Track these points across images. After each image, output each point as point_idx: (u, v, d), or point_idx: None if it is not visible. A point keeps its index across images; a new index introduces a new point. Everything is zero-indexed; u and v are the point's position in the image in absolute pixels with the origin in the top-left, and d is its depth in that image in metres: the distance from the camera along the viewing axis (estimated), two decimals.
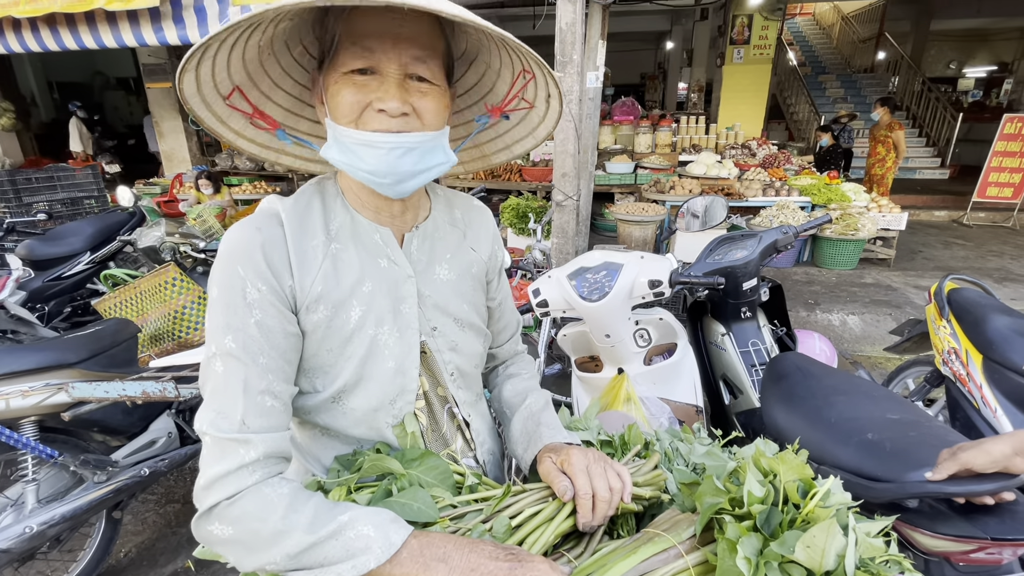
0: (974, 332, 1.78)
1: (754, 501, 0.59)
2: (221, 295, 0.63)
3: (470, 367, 0.82)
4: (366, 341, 0.70)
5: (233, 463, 0.59)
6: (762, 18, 8.15)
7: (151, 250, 2.74)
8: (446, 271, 0.78)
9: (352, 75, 0.62)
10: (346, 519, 0.58)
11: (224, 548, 0.60)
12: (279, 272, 0.65)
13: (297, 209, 0.69)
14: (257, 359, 0.62)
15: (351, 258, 0.70)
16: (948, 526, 0.90)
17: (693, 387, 1.74)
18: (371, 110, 0.62)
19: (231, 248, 0.64)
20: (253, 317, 0.62)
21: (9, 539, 1.57)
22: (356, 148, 0.63)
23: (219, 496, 0.58)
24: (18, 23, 4.58)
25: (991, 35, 13.31)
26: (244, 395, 0.61)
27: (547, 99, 0.76)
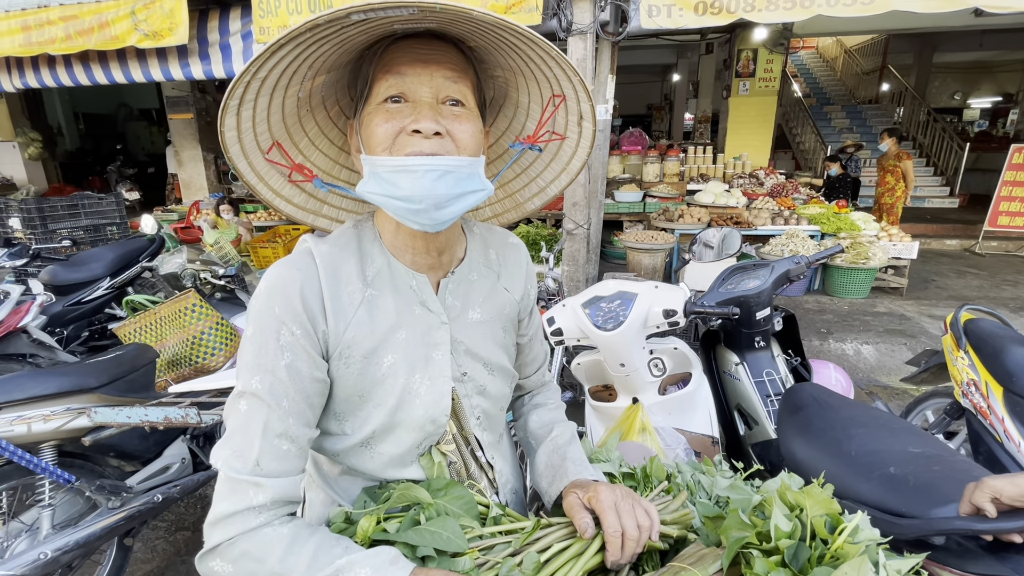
0: (993, 363, 1.76)
1: (781, 536, 0.59)
2: (255, 335, 0.64)
3: (496, 410, 0.81)
4: (397, 389, 0.69)
5: (241, 504, 0.60)
6: (767, 52, 8.34)
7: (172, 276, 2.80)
8: (478, 314, 0.77)
9: (386, 103, 0.63)
10: (343, 563, 0.58)
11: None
12: (314, 316, 0.65)
13: (333, 253, 0.68)
14: (281, 402, 0.62)
15: (387, 305, 0.70)
16: (977, 565, 0.88)
17: (708, 417, 1.73)
18: (404, 134, 0.62)
19: (270, 287, 0.65)
20: (284, 360, 0.63)
21: (23, 566, 1.56)
22: (391, 176, 0.61)
23: (223, 536, 0.59)
24: (53, 60, 4.82)
25: (994, 67, 13.49)
26: (262, 437, 0.61)
27: (579, 122, 0.76)
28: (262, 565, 0.58)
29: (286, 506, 0.63)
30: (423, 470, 0.73)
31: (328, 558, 0.58)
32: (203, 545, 0.61)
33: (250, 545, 0.59)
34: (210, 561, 0.60)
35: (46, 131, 9.76)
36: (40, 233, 4.68)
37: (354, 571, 0.57)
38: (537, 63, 0.68)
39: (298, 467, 0.65)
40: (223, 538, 0.59)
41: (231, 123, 0.64)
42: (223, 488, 0.61)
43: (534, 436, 0.90)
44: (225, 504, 0.60)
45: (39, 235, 4.66)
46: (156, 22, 4.26)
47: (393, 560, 0.59)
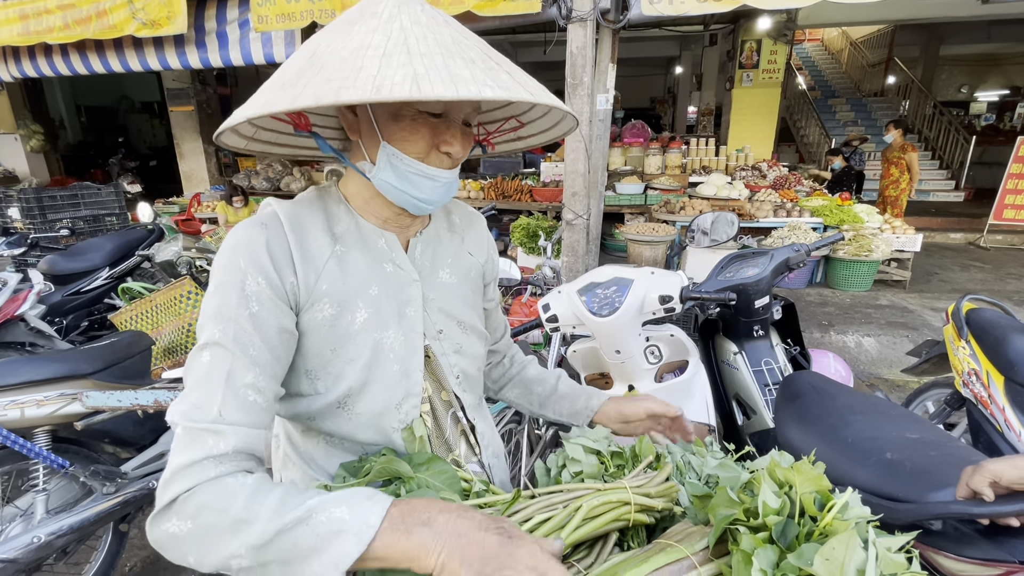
0: (994, 353, 1.74)
1: (769, 512, 0.57)
2: (218, 289, 0.62)
3: (473, 369, 0.83)
4: (371, 344, 0.70)
5: (199, 453, 0.55)
6: (771, 43, 8.26)
7: (168, 264, 2.80)
8: (448, 275, 0.81)
9: (428, 116, 0.67)
10: (315, 502, 0.53)
11: (182, 547, 0.54)
12: (281, 268, 0.65)
13: (297, 210, 0.70)
14: (247, 350, 0.61)
15: (357, 261, 0.72)
16: (974, 549, 0.86)
17: (705, 405, 1.72)
18: (436, 151, 0.68)
19: (234, 243, 0.65)
20: (249, 309, 0.62)
21: (17, 549, 1.57)
22: (416, 179, 0.68)
23: (179, 488, 0.54)
24: (50, 49, 4.80)
25: (1002, 60, 13.34)
26: (226, 385, 0.59)
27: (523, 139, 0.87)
28: (223, 515, 0.53)
29: (249, 459, 0.59)
30: (405, 444, 0.72)
31: (297, 500, 0.54)
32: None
33: (208, 496, 0.54)
34: (163, 523, 0.55)
35: (48, 123, 9.75)
36: (39, 223, 4.68)
37: (328, 510, 0.52)
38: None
39: (263, 421, 0.62)
40: (180, 490, 0.54)
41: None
42: (179, 442, 0.57)
43: (539, 380, 1.03)
44: (181, 456, 0.55)
45: (38, 225, 4.66)
46: (154, 11, 4.23)
47: (369, 496, 0.55)
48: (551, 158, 6.76)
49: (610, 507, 0.65)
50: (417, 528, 0.52)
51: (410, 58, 0.54)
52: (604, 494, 0.65)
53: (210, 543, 0.53)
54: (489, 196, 6.38)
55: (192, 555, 0.54)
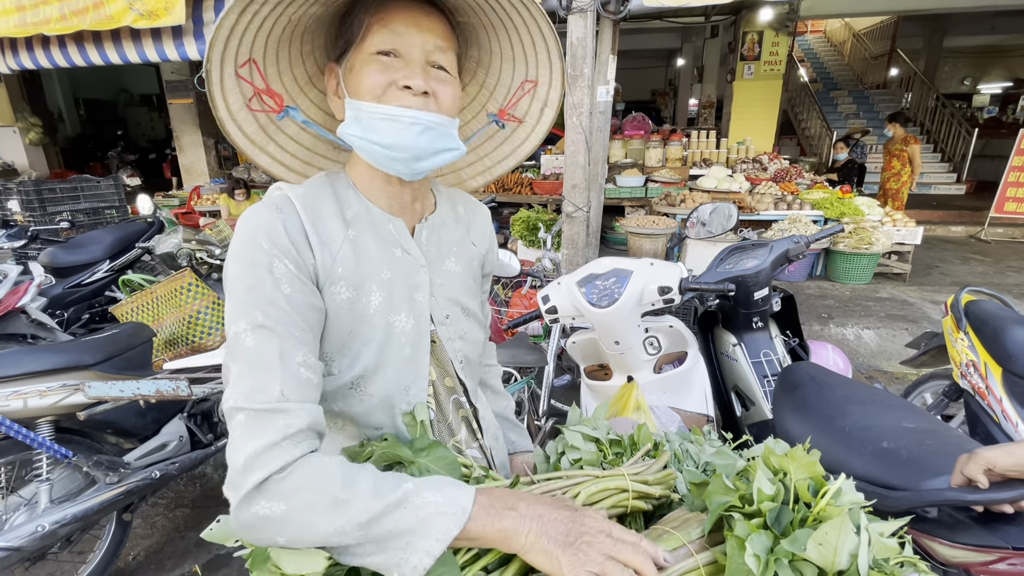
0: (993, 344, 1.75)
1: (764, 499, 0.58)
2: (245, 271, 0.62)
3: (474, 355, 0.84)
4: (384, 326, 0.71)
5: (276, 435, 0.56)
6: (772, 34, 8.20)
7: (168, 256, 2.80)
8: (453, 263, 0.81)
9: (379, 56, 0.65)
10: (411, 487, 0.57)
11: (275, 528, 0.55)
12: (301, 249, 0.65)
13: (309, 194, 0.70)
14: (291, 331, 0.61)
15: (369, 246, 0.72)
16: (967, 536, 0.87)
17: (704, 396, 1.73)
18: (394, 87, 0.65)
19: (252, 226, 0.64)
20: (282, 291, 0.61)
21: (21, 537, 1.59)
22: (376, 123, 0.65)
23: (267, 471, 0.54)
24: (47, 40, 4.76)
25: (1006, 51, 13.24)
26: (282, 366, 0.59)
27: (542, 109, 0.82)
28: (322, 495, 0.54)
29: (318, 437, 0.61)
30: (407, 429, 0.73)
31: (392, 483, 0.57)
32: (207, 519, 0.56)
33: (305, 474, 0.55)
34: (252, 507, 0.54)
35: (46, 116, 9.71)
36: (39, 216, 4.68)
37: (422, 495, 0.56)
38: (523, 44, 0.74)
39: (318, 398, 0.63)
40: (268, 471, 0.54)
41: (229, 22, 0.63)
42: (247, 428, 0.56)
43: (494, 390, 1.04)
44: (255, 442, 0.55)
45: (38, 217, 4.65)
46: (151, 2, 4.20)
47: (455, 484, 0.59)
48: (551, 150, 6.74)
49: (608, 494, 0.65)
50: (505, 512, 0.56)
51: None
52: (602, 481, 0.66)
53: (310, 522, 0.54)
54: (489, 188, 6.37)
55: (285, 535, 0.55)
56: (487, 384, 1.02)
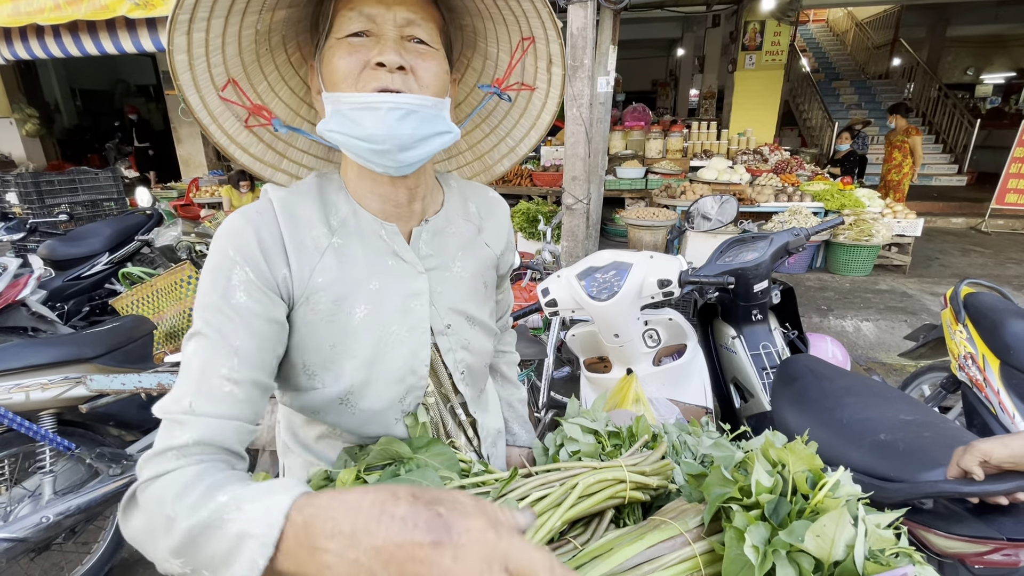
0: (991, 337, 1.75)
1: (762, 491, 0.58)
2: (207, 276, 0.61)
3: (480, 365, 0.80)
4: (372, 341, 0.67)
5: (163, 443, 0.53)
6: (774, 23, 8.13)
7: (168, 249, 2.80)
8: (459, 267, 0.76)
9: (348, 39, 0.61)
10: (225, 499, 0.45)
11: (140, 548, 0.50)
12: (272, 259, 0.62)
13: (292, 199, 0.66)
14: (229, 340, 0.58)
15: (356, 254, 0.67)
16: (962, 527, 0.88)
17: (703, 388, 1.73)
18: (368, 68, 0.60)
19: (225, 232, 0.62)
20: (235, 299, 0.59)
21: (26, 528, 1.60)
22: (353, 113, 0.60)
23: (140, 479, 0.51)
24: (42, 30, 4.72)
25: (1009, 41, 13.13)
26: (200, 376, 0.56)
27: (548, 67, 0.75)
28: (161, 509, 0.47)
29: (216, 451, 0.55)
30: (407, 430, 0.73)
31: (210, 496, 0.47)
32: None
33: (155, 488, 0.50)
34: (129, 517, 0.51)
35: (43, 107, 9.65)
36: (37, 208, 4.66)
37: (241, 508, 0.44)
38: (508, 4, 0.67)
39: (243, 414, 0.57)
40: (139, 481, 0.51)
41: (181, 43, 0.61)
42: (156, 436, 0.55)
43: (506, 380, 1.02)
44: (149, 451, 0.53)
45: (36, 210, 4.64)
46: None
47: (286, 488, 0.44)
48: (551, 142, 6.71)
49: (606, 485, 0.66)
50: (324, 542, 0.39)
51: None
52: (600, 472, 0.66)
53: (151, 542, 0.48)
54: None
55: (149, 554, 0.50)
56: (499, 371, 1.00)
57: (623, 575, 0.55)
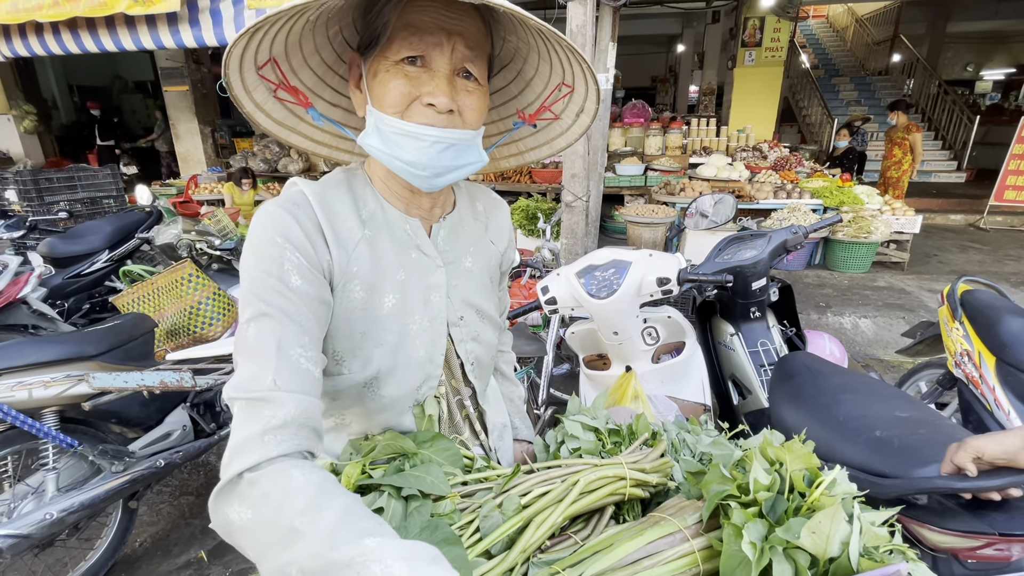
0: (987, 334, 1.77)
1: (760, 488, 0.59)
2: (255, 265, 0.61)
3: (487, 357, 0.84)
4: (398, 329, 0.71)
5: (257, 425, 0.53)
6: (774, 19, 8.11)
7: (168, 247, 2.80)
8: (470, 263, 0.80)
9: (403, 64, 0.62)
10: (373, 545, 0.46)
11: (242, 539, 0.50)
12: (317, 245, 0.64)
13: (326, 192, 0.69)
14: (295, 319, 0.59)
15: (385, 246, 0.71)
16: (956, 522, 0.90)
17: (701, 386, 1.75)
18: (419, 103, 0.63)
19: (266, 220, 0.63)
20: (292, 282, 0.60)
21: (30, 525, 1.61)
22: (398, 138, 0.63)
23: (239, 466, 0.51)
24: (40, 27, 4.70)
25: (1009, 37, 13.11)
26: (278, 353, 0.57)
27: (577, 114, 0.78)
28: (280, 514, 0.48)
29: (309, 433, 0.56)
30: (415, 420, 0.74)
31: (355, 531, 0.47)
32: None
33: (271, 484, 0.50)
34: (226, 507, 0.51)
35: (41, 104, 9.61)
36: (37, 205, 4.66)
37: (384, 562, 0.45)
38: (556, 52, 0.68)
39: (317, 391, 0.60)
40: (241, 467, 0.51)
41: (237, 51, 0.62)
42: (238, 418, 0.54)
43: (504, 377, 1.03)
44: (241, 431, 0.53)
45: (36, 207, 4.63)
46: None
47: (434, 559, 0.47)
48: None
49: (606, 481, 0.67)
50: None
51: None
52: (601, 469, 0.68)
53: (264, 545, 0.49)
54: (488, 177, 6.34)
55: (251, 551, 0.50)
56: (499, 369, 1.03)
57: (623, 570, 0.56)
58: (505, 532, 0.59)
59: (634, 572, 0.55)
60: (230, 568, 1.98)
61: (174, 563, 2.02)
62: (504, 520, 0.60)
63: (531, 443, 1.00)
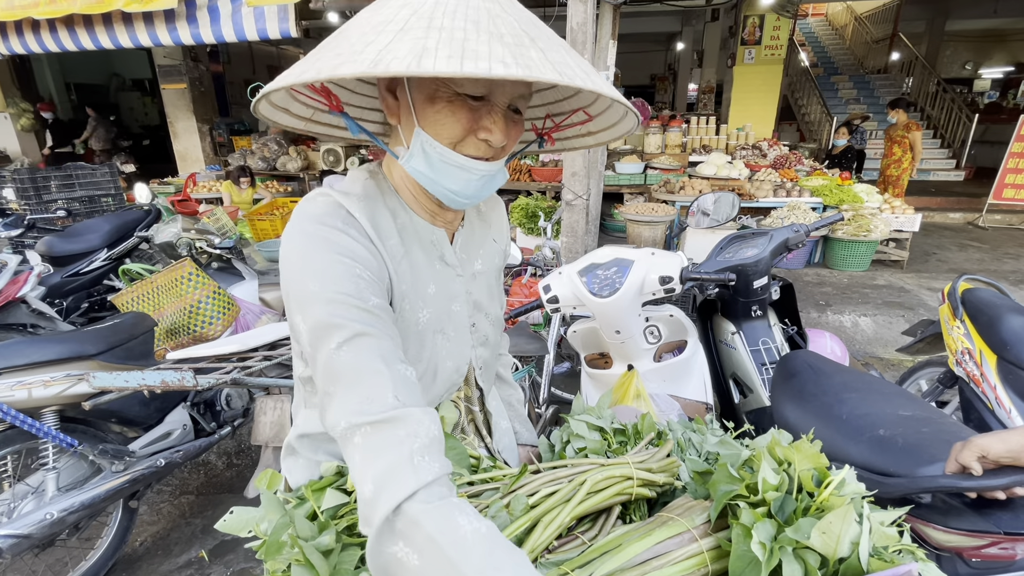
0: (988, 332, 1.77)
1: (769, 488, 0.59)
2: (327, 286, 0.57)
3: (492, 359, 0.85)
4: (433, 343, 0.71)
5: (403, 450, 0.50)
6: (774, 17, 8.10)
7: (167, 246, 2.79)
8: (480, 265, 0.81)
9: (467, 98, 0.61)
10: None
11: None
12: (379, 263, 0.64)
13: (367, 209, 0.66)
14: (388, 333, 0.58)
15: (419, 259, 0.70)
16: (960, 521, 0.89)
17: (703, 384, 1.74)
18: (474, 137, 0.62)
19: (317, 241, 0.60)
20: (372, 300, 0.59)
21: (30, 525, 1.61)
22: (447, 168, 0.63)
23: (397, 496, 0.48)
24: (37, 24, 4.68)
25: (1008, 35, 13.12)
26: (388, 369, 0.54)
27: (587, 135, 0.81)
28: (452, 569, 0.46)
29: (443, 453, 0.54)
30: None
31: None
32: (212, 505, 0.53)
33: (437, 531, 0.47)
34: (390, 545, 0.48)
35: (37, 102, 9.57)
36: (34, 204, 4.64)
37: None
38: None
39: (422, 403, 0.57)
40: (399, 498, 0.48)
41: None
42: (367, 448, 0.50)
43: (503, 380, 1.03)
44: (379, 462, 0.49)
45: (33, 206, 4.61)
46: None
47: None
48: None
49: (613, 481, 0.67)
50: None
51: (428, 32, 0.49)
52: (607, 469, 0.67)
53: None
54: None
55: None
56: (497, 373, 1.02)
57: (632, 570, 0.56)
58: (513, 532, 0.59)
59: (643, 572, 0.55)
60: (231, 567, 1.98)
61: (175, 562, 2.01)
62: (511, 520, 0.60)
63: (535, 446, 1.00)
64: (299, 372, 0.74)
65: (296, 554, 0.57)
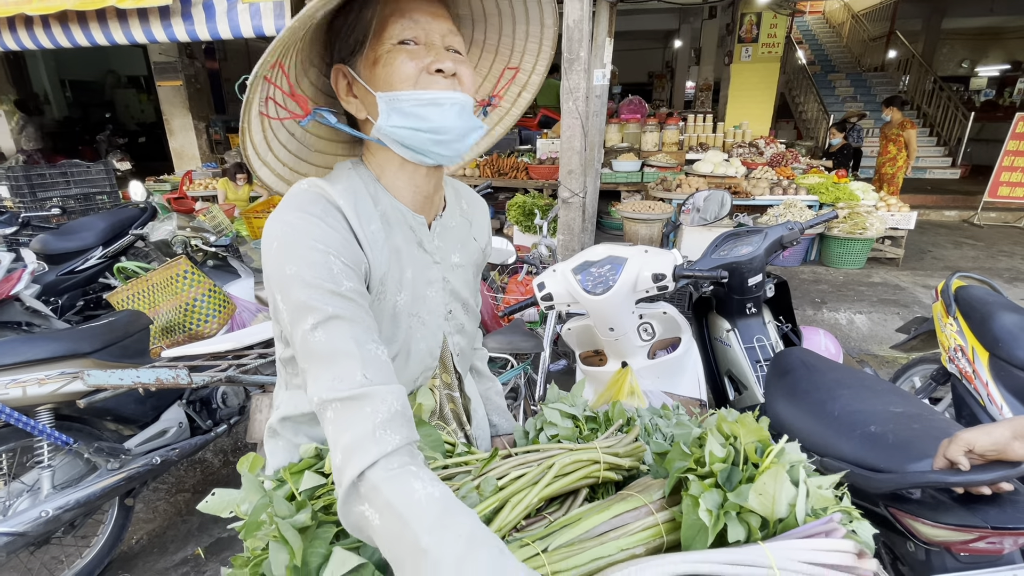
0: (981, 329, 1.78)
1: (715, 461, 0.62)
2: (302, 272, 0.60)
3: (469, 348, 0.89)
4: (408, 325, 0.75)
5: (367, 424, 0.54)
6: (771, 15, 8.10)
7: (163, 244, 2.79)
8: (458, 258, 0.84)
9: (403, 45, 0.66)
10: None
11: (378, 542, 0.52)
12: (354, 249, 0.66)
13: (348, 196, 0.69)
14: (360, 316, 0.61)
15: (398, 244, 0.73)
16: (949, 515, 0.91)
17: (697, 381, 1.75)
18: (426, 73, 0.66)
19: (301, 228, 0.63)
20: (345, 285, 0.62)
21: (25, 523, 1.61)
22: (419, 109, 0.66)
23: (359, 465, 0.52)
24: (30, 20, 4.64)
25: (1004, 34, 13.15)
26: (359, 349, 0.58)
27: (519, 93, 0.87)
28: (407, 530, 0.49)
29: (408, 421, 0.58)
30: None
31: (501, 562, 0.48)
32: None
33: (395, 495, 0.51)
34: (357, 504, 0.53)
35: (32, 98, 9.50)
36: (29, 201, 4.61)
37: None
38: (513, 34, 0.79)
39: (396, 380, 0.61)
40: (362, 465, 0.52)
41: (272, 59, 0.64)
42: (339, 421, 0.55)
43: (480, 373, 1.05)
44: (347, 433, 0.53)
45: (28, 203, 4.59)
46: None
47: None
48: (547, 135, 6.69)
49: (580, 465, 0.70)
50: None
51: None
52: (575, 453, 0.70)
53: (392, 554, 0.50)
54: (485, 174, 6.33)
55: (387, 555, 0.51)
56: (474, 367, 1.04)
57: (590, 540, 0.59)
58: (482, 512, 0.61)
59: (601, 543, 0.58)
60: (227, 565, 1.98)
61: (171, 560, 2.02)
62: (481, 500, 0.62)
63: (511, 435, 1.02)
64: (280, 353, 0.77)
65: (273, 530, 0.59)
